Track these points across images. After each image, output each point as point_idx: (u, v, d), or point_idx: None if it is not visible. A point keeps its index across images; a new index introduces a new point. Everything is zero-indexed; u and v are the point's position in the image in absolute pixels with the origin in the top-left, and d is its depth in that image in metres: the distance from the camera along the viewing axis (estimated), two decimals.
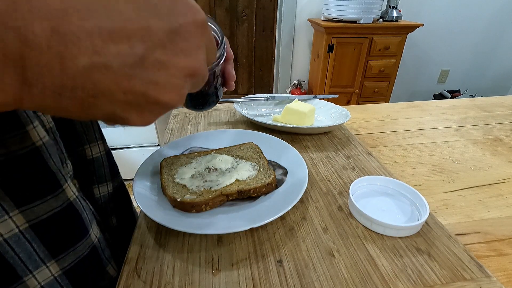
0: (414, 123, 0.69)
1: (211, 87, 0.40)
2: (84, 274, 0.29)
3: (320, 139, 0.57)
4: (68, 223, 0.27)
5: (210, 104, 0.42)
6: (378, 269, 0.31)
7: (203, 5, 2.25)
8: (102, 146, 0.39)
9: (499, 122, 0.69)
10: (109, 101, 0.16)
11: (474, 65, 2.61)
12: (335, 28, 1.90)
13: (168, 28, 0.17)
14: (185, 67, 0.18)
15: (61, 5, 0.13)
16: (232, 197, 0.37)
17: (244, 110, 0.64)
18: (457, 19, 2.37)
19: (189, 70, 0.18)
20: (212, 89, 0.40)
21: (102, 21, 0.14)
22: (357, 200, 0.39)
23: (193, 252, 0.33)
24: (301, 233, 0.35)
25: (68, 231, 0.27)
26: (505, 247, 0.36)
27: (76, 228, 0.28)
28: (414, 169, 0.51)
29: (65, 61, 0.14)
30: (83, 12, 0.14)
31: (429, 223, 0.37)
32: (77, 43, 0.14)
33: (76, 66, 0.14)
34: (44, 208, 0.25)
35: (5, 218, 0.23)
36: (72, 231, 0.28)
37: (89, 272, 0.30)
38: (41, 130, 0.25)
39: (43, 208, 0.25)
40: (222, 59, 0.37)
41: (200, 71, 0.19)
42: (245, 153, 0.46)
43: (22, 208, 0.24)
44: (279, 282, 0.30)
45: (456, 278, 0.30)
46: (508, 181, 0.49)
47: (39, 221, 0.25)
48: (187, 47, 0.18)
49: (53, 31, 0.13)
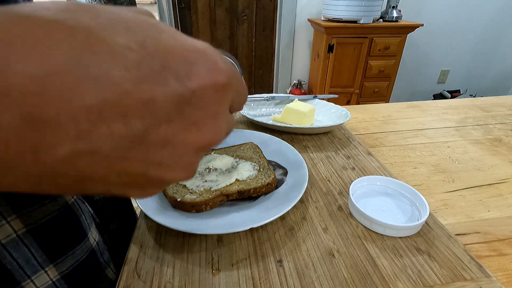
0: (414, 123, 0.69)
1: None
2: (83, 278, 0.29)
3: (320, 139, 0.57)
4: (66, 227, 0.27)
5: None
6: (378, 269, 0.31)
7: (203, 5, 2.25)
8: None
9: (499, 122, 0.69)
10: (101, 184, 0.13)
11: (474, 65, 2.62)
12: (335, 28, 1.90)
13: (178, 97, 0.13)
14: (197, 141, 0.14)
15: (36, 87, 0.10)
16: (232, 197, 0.37)
17: (244, 110, 0.64)
18: (457, 19, 2.37)
19: (202, 144, 0.15)
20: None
21: (90, 99, 0.11)
22: (357, 200, 0.39)
23: (193, 252, 0.33)
24: (301, 233, 0.35)
25: (67, 235, 0.27)
26: (505, 247, 0.36)
27: (75, 231, 0.28)
28: (414, 169, 0.51)
29: (39, 154, 0.11)
30: (65, 91, 0.10)
31: (429, 223, 0.37)
32: (56, 130, 0.11)
33: (53, 156, 0.11)
34: (42, 212, 0.25)
35: (2, 223, 0.22)
36: (70, 235, 0.27)
37: (87, 276, 0.29)
38: None
39: (41, 212, 0.25)
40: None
41: (217, 142, 0.16)
42: (245, 153, 0.46)
43: (20, 212, 0.23)
44: (279, 282, 0.30)
45: (456, 278, 0.30)
46: (508, 181, 0.49)
47: (37, 225, 0.24)
48: (202, 118, 0.14)
49: (24, 120, 0.10)
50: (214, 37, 2.39)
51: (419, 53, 2.48)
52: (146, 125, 0.12)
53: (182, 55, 0.13)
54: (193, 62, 0.14)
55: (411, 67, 2.53)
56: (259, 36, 2.44)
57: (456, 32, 2.43)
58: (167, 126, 0.13)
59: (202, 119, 0.14)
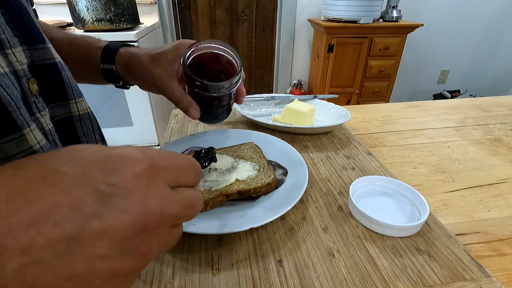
0: (414, 123, 0.69)
1: (230, 104, 0.45)
2: None
3: (320, 139, 0.57)
4: None
5: (225, 117, 0.48)
6: (378, 269, 0.31)
7: (203, 5, 2.25)
8: None
9: (499, 122, 0.69)
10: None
11: (474, 65, 2.62)
12: (335, 28, 1.90)
13: (101, 193, 0.14)
14: (130, 224, 0.15)
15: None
16: (232, 197, 0.37)
17: (244, 110, 0.64)
18: (457, 19, 2.37)
19: (136, 225, 0.15)
20: (229, 106, 0.45)
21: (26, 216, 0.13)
22: (357, 200, 0.39)
23: (193, 252, 0.33)
24: (301, 233, 0.35)
25: None
26: (505, 247, 0.36)
27: None
28: (414, 169, 0.51)
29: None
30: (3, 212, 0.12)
31: (429, 223, 0.37)
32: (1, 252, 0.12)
33: (4, 275, 0.12)
34: None
35: None
36: None
37: None
38: (38, 133, 0.25)
39: None
40: (239, 82, 0.41)
41: (158, 216, 0.16)
42: (245, 153, 0.46)
43: None
44: (279, 282, 0.30)
45: (456, 278, 0.30)
46: (508, 181, 0.49)
47: None
48: (129, 204, 0.15)
49: None
50: (214, 37, 2.39)
51: (419, 53, 2.48)
52: (77, 225, 0.13)
53: (101, 162, 0.16)
54: (112, 163, 0.16)
55: (411, 67, 2.53)
56: (259, 36, 2.44)
57: (456, 32, 2.42)
58: (98, 220, 0.14)
59: (129, 204, 0.15)
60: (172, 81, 0.39)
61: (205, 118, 0.45)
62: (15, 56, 0.26)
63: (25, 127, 0.24)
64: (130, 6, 1.48)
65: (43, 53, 0.30)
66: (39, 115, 0.27)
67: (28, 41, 0.28)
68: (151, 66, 0.39)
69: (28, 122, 0.24)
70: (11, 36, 0.26)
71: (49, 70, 0.31)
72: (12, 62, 0.25)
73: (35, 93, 0.27)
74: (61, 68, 0.32)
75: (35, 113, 0.27)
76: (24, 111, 0.24)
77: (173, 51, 0.40)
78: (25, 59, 0.27)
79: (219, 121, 0.48)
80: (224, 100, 0.42)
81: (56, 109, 0.32)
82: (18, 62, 0.26)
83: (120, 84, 0.44)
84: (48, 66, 0.30)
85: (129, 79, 0.43)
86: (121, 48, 0.42)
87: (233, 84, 0.39)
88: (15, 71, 0.25)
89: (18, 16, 0.27)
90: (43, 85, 0.29)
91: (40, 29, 0.30)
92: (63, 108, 0.33)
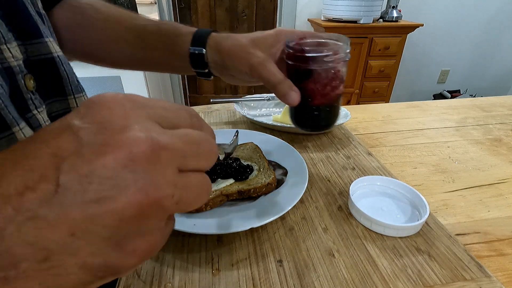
0: (414, 123, 0.69)
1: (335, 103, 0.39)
2: None
3: (320, 139, 0.57)
4: None
5: (327, 123, 0.40)
6: (378, 269, 0.31)
7: (203, 5, 2.25)
8: None
9: (499, 122, 0.69)
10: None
11: (474, 65, 2.61)
12: (335, 28, 1.90)
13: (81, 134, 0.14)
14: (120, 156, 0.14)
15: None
16: (232, 197, 0.37)
17: (244, 110, 0.64)
18: (457, 19, 2.37)
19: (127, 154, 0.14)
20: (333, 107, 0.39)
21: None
22: (357, 200, 0.39)
23: (193, 252, 0.33)
24: (301, 233, 0.35)
25: None
26: (505, 247, 0.36)
27: None
28: (414, 169, 0.51)
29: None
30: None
31: (429, 223, 0.37)
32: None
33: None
34: None
35: None
36: None
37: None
38: (29, 131, 0.25)
39: None
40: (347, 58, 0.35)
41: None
42: (245, 153, 0.46)
43: None
44: (279, 282, 0.30)
45: (456, 278, 0.30)
46: (508, 181, 0.48)
47: None
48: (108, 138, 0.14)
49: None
50: None
51: (419, 53, 2.48)
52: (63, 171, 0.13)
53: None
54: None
55: (411, 67, 2.53)
56: None
57: (456, 32, 2.42)
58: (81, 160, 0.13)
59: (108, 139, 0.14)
60: (271, 63, 0.37)
61: (303, 119, 0.38)
62: (11, 51, 0.25)
63: (14, 125, 0.23)
64: (130, 6, 1.48)
65: (39, 47, 0.29)
66: (36, 111, 0.27)
67: (22, 36, 0.27)
68: (250, 47, 0.37)
69: (17, 120, 0.24)
70: (6, 31, 0.25)
71: (46, 65, 0.30)
72: (7, 58, 0.25)
73: (32, 89, 0.27)
74: (60, 63, 0.31)
75: (31, 110, 0.26)
76: (13, 109, 0.24)
77: (274, 36, 0.38)
78: (20, 54, 0.26)
79: (318, 127, 0.41)
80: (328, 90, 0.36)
81: (54, 105, 0.32)
82: (13, 58, 0.25)
83: (206, 71, 0.41)
84: (45, 61, 0.30)
85: (218, 67, 0.40)
86: (213, 32, 0.40)
87: (339, 54, 0.34)
88: (10, 67, 0.25)
89: (12, 10, 0.26)
90: (40, 80, 0.29)
91: (37, 22, 0.29)
92: (61, 103, 0.32)
